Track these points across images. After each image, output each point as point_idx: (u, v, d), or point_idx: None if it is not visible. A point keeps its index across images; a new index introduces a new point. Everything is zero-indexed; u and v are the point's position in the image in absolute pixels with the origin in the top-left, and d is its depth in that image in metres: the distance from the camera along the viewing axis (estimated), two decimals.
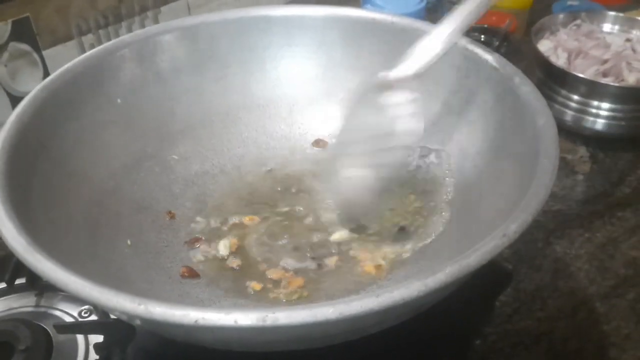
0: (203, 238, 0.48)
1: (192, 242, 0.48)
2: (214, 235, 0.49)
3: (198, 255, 0.47)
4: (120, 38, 0.51)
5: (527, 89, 0.43)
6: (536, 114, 0.41)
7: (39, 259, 0.32)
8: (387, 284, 0.44)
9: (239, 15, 0.54)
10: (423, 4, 0.72)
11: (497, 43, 0.73)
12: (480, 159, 0.46)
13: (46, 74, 0.64)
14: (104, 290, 0.30)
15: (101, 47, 0.49)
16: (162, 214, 0.49)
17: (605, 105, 0.64)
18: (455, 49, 0.49)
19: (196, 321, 0.28)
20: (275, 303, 0.43)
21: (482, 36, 0.75)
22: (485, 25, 0.77)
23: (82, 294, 0.30)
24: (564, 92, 0.66)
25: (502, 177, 0.43)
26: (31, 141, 0.41)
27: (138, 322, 0.34)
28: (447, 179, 0.49)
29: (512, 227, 0.32)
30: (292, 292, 0.44)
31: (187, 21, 0.54)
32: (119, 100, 0.50)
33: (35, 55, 0.63)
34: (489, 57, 0.47)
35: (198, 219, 0.50)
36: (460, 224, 0.44)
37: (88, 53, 0.48)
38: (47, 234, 0.37)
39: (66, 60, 0.48)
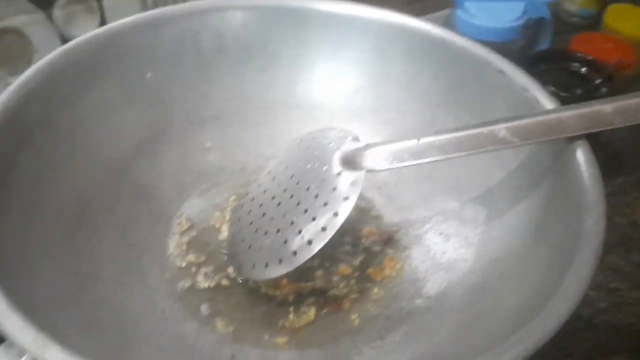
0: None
1: None
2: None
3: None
4: (164, 9, 0.47)
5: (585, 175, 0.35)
6: (588, 207, 0.34)
7: None
8: None
9: (299, 4, 0.49)
10: (521, 22, 0.63)
11: (598, 82, 0.63)
12: (514, 234, 0.39)
13: (102, 23, 0.62)
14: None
15: (140, 15, 0.46)
16: (162, 205, 0.46)
17: None
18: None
19: None
20: None
21: (583, 69, 0.65)
22: (591, 57, 0.66)
23: None
24: None
25: (533, 263, 0.36)
26: (33, 108, 0.39)
27: None
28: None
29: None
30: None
31: (239, 1, 0.49)
32: (149, 75, 0.47)
33: (94, 3, 0.61)
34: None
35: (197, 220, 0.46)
36: (474, 304, 0.38)
37: (121, 21, 0.45)
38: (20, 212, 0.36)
39: (125, 14, 0.45)
